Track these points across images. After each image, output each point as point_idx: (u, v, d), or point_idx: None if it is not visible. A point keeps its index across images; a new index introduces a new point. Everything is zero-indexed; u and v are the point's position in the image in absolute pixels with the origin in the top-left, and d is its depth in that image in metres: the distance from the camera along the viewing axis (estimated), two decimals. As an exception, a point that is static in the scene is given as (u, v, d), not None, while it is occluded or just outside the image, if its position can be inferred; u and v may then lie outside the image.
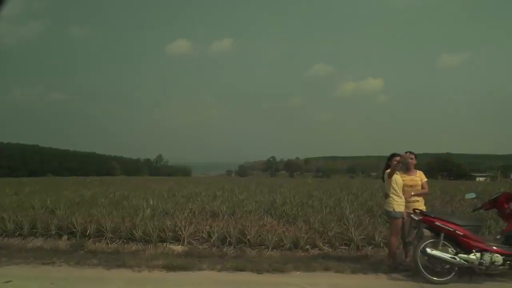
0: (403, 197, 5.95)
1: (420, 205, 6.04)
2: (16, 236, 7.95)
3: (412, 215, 5.69)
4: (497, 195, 5.89)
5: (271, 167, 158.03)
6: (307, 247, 7.43)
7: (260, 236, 7.56)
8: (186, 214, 9.47)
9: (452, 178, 70.80)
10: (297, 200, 12.89)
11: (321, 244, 7.54)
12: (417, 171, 6.27)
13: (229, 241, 7.50)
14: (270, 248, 7.40)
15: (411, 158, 6.15)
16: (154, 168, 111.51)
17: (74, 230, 7.89)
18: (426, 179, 6.19)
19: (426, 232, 5.65)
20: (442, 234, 5.44)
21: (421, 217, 5.56)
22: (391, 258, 5.99)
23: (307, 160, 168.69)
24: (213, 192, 15.91)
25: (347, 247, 7.47)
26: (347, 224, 8.44)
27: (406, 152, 6.10)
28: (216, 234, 7.59)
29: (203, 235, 7.72)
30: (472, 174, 77.85)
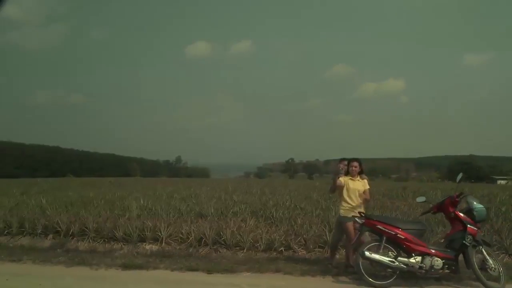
0: (350, 202, 6.02)
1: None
2: (5, 235, 8.32)
3: (356, 218, 5.74)
4: (443, 199, 5.91)
5: (290, 168, 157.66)
6: (281, 248, 7.53)
7: (237, 237, 7.70)
8: (171, 215, 9.67)
9: (473, 181, 69.09)
10: (291, 202, 12.92)
11: (295, 246, 7.61)
12: (362, 178, 6.31)
13: (205, 241, 7.68)
14: (246, 249, 7.54)
15: (355, 166, 6.17)
16: (173, 169, 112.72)
17: (59, 229, 8.21)
18: (368, 187, 6.20)
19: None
20: (384, 238, 5.49)
21: (363, 221, 5.61)
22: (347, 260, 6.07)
23: (326, 162, 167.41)
24: (213, 194, 16.07)
25: (322, 250, 7.53)
26: (328, 226, 8.47)
27: (351, 160, 6.22)
28: (193, 235, 7.78)
29: (182, 236, 7.92)
30: (493, 176, 75.84)
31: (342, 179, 6.14)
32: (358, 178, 6.22)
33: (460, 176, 6.30)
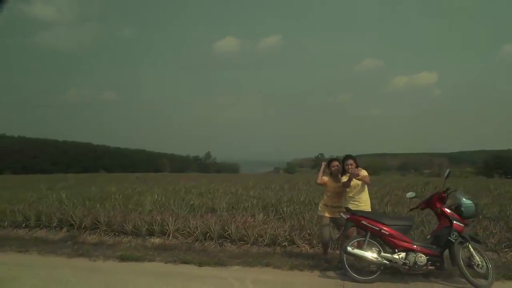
0: (353, 196, 6.03)
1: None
2: (23, 228, 8.73)
3: (341, 214, 5.72)
4: (431, 195, 5.80)
5: (319, 164, 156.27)
6: (284, 243, 7.55)
7: (241, 232, 7.79)
8: (183, 210, 9.87)
9: (509, 176, 66.35)
10: (306, 197, 12.87)
11: (298, 242, 7.62)
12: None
13: (210, 236, 7.81)
14: (250, 243, 7.61)
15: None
16: (203, 165, 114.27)
17: (73, 223, 8.55)
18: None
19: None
20: (368, 233, 5.44)
21: (348, 216, 5.57)
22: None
23: (357, 157, 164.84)
24: (231, 189, 16.21)
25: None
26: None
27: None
28: (199, 229, 7.93)
29: (189, 230, 8.07)
30: (531, 172, 72.66)
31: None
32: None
33: (447, 171, 6.13)
